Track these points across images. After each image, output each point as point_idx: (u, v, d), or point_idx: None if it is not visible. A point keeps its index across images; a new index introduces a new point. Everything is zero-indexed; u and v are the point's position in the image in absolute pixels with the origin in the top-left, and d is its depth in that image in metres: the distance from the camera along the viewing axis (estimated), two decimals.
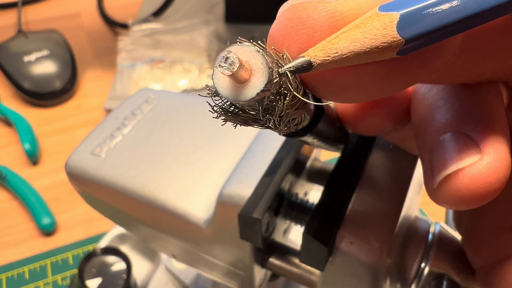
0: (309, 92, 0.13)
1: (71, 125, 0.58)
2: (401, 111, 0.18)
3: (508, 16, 0.11)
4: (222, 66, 0.11)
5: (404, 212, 0.20)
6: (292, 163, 0.22)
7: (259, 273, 0.24)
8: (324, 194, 0.20)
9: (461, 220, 0.19)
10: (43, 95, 0.60)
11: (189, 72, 0.62)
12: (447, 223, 0.31)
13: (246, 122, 0.12)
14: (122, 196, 0.24)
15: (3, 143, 0.56)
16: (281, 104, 0.11)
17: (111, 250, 0.37)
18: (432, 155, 0.14)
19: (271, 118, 0.12)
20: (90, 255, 0.37)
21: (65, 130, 0.58)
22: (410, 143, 0.21)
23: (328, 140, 0.18)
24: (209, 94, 0.12)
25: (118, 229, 0.42)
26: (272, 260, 0.23)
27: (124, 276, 0.36)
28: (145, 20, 0.71)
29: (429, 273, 0.21)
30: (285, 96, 0.11)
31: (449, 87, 0.15)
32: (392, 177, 0.21)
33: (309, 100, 0.12)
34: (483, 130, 0.13)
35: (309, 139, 0.16)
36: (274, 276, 0.30)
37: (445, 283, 0.20)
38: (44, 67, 0.61)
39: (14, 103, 0.61)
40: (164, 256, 0.40)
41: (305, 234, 0.19)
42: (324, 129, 0.16)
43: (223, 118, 0.12)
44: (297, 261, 0.23)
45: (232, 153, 0.24)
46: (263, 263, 0.23)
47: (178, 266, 0.39)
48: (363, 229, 0.19)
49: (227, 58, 0.11)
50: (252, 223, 0.20)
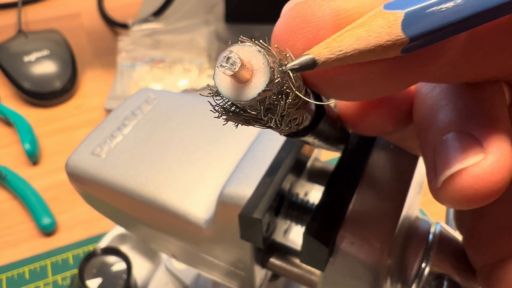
0: (311, 92, 0.13)
1: (71, 125, 0.58)
2: (402, 112, 0.17)
3: (510, 16, 0.11)
4: (224, 66, 0.11)
5: (404, 212, 0.20)
6: (292, 163, 0.22)
7: (260, 273, 0.24)
8: (325, 194, 0.20)
9: (462, 219, 0.19)
10: (43, 95, 0.60)
11: (189, 72, 0.62)
12: (447, 223, 0.31)
13: (248, 122, 0.12)
14: (123, 196, 0.24)
15: (3, 143, 0.56)
16: (283, 103, 0.11)
17: (112, 250, 0.37)
18: (435, 154, 0.14)
19: (272, 117, 0.12)
20: (91, 255, 0.37)
21: (65, 130, 0.58)
22: (411, 144, 0.20)
23: (329, 140, 0.18)
24: (210, 94, 0.12)
25: (119, 229, 0.42)
26: (273, 260, 0.23)
27: (125, 276, 0.36)
28: (145, 20, 0.71)
29: (430, 273, 0.21)
30: (287, 96, 0.11)
31: (452, 87, 0.15)
32: (393, 177, 0.21)
33: (311, 100, 0.12)
34: (486, 129, 0.13)
35: (310, 139, 0.16)
36: (275, 276, 0.30)
37: (445, 283, 0.20)
38: (44, 67, 0.61)
39: (14, 103, 0.61)
40: (164, 256, 0.40)
41: (306, 234, 0.19)
42: (325, 129, 0.16)
43: (225, 118, 0.12)
44: (297, 261, 0.23)
45: (232, 153, 0.24)
46: (264, 263, 0.23)
47: (178, 266, 0.39)
48: (363, 229, 0.19)
49: (228, 58, 0.11)
50: (252, 223, 0.20)
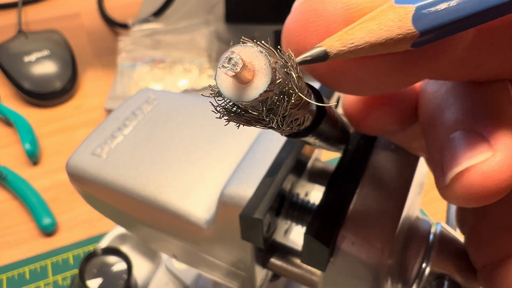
0: (312, 92, 0.13)
1: (71, 125, 0.58)
2: (406, 111, 0.18)
3: None
4: (225, 67, 0.11)
5: (405, 212, 0.20)
6: (293, 164, 0.22)
7: (260, 274, 0.24)
8: (325, 195, 0.20)
9: (464, 219, 0.19)
10: (44, 95, 0.60)
11: (189, 72, 0.62)
12: (448, 223, 0.31)
13: (249, 122, 0.12)
14: (123, 197, 0.24)
15: (4, 143, 0.56)
16: (285, 104, 0.11)
17: (112, 250, 0.37)
18: (442, 152, 0.14)
19: (274, 118, 0.12)
20: (91, 255, 0.37)
21: (65, 130, 0.58)
22: (414, 144, 0.21)
23: (330, 141, 0.18)
24: (212, 94, 0.12)
25: (119, 229, 0.42)
26: (273, 260, 0.23)
27: (125, 276, 0.36)
28: (145, 20, 0.71)
29: (430, 273, 0.21)
30: (289, 96, 0.11)
31: (458, 86, 0.15)
32: (393, 177, 0.21)
33: (312, 100, 0.12)
34: (493, 127, 0.13)
35: (311, 139, 0.16)
36: (275, 276, 0.30)
37: (446, 284, 0.20)
38: (44, 67, 0.61)
39: (15, 103, 0.61)
40: (164, 256, 0.40)
41: (307, 234, 0.19)
42: (326, 129, 0.16)
43: (226, 118, 0.12)
44: (298, 261, 0.23)
45: (233, 153, 0.24)
46: (264, 264, 0.23)
47: (179, 266, 0.39)
48: (364, 229, 0.19)
49: (230, 59, 0.11)
50: (253, 224, 0.20)
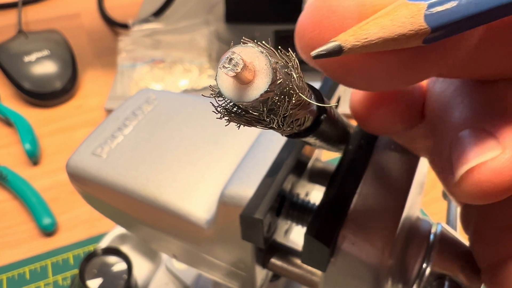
0: (312, 93, 0.13)
1: (72, 125, 0.58)
2: (412, 110, 0.18)
3: None
4: (226, 67, 0.11)
5: (406, 212, 0.20)
6: (293, 164, 0.21)
7: (261, 274, 0.24)
8: (326, 195, 0.20)
9: (469, 219, 0.19)
10: (44, 95, 0.60)
11: (190, 72, 0.62)
12: (448, 223, 0.31)
13: (250, 122, 0.12)
14: (123, 197, 0.24)
15: (4, 143, 0.56)
16: (285, 104, 0.11)
17: (112, 250, 0.37)
18: (451, 150, 0.14)
19: (274, 118, 0.12)
20: (91, 255, 0.37)
21: (65, 130, 0.58)
22: (418, 145, 0.21)
23: (330, 141, 0.18)
24: (212, 94, 0.12)
25: (119, 229, 0.42)
26: (274, 260, 0.23)
27: (125, 276, 0.36)
28: (145, 20, 0.71)
29: (431, 273, 0.21)
30: (290, 97, 0.11)
31: (466, 85, 0.15)
32: (394, 177, 0.21)
33: (313, 101, 0.12)
34: (502, 125, 0.13)
35: (311, 139, 0.16)
36: (275, 276, 0.30)
37: (446, 284, 0.20)
38: (44, 67, 0.61)
39: (15, 103, 0.61)
40: (164, 256, 0.40)
41: (307, 235, 0.19)
42: (326, 129, 0.16)
43: (227, 118, 0.12)
44: (298, 261, 0.23)
45: (233, 153, 0.24)
46: (265, 264, 0.23)
47: (179, 266, 0.39)
48: (365, 229, 0.19)
49: (231, 59, 0.11)
50: (253, 224, 0.20)
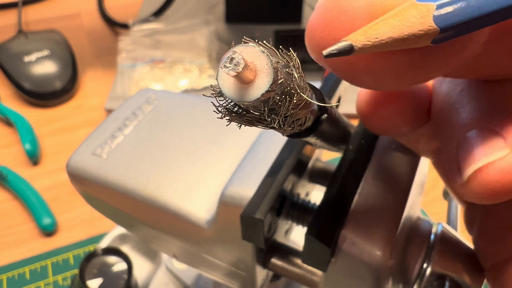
0: (313, 93, 0.13)
1: (72, 125, 0.58)
2: (418, 110, 0.18)
3: None
4: (227, 67, 0.11)
5: (406, 212, 0.20)
6: (294, 164, 0.21)
7: (261, 274, 0.24)
8: (326, 195, 0.20)
9: (473, 219, 0.19)
10: (44, 95, 0.60)
11: (190, 72, 0.62)
12: (449, 223, 0.31)
13: (251, 122, 0.12)
14: (123, 197, 0.24)
15: (4, 143, 0.56)
16: (287, 104, 0.11)
17: (112, 250, 0.37)
18: (459, 150, 0.14)
19: (276, 118, 0.12)
20: (91, 255, 0.37)
21: (65, 130, 0.58)
22: (422, 147, 0.21)
23: (331, 141, 0.18)
24: (213, 94, 0.12)
25: (119, 229, 0.42)
26: (274, 260, 0.23)
27: (125, 276, 0.36)
28: (145, 20, 0.71)
29: (431, 273, 0.21)
30: (291, 96, 0.11)
31: (473, 86, 0.15)
32: (394, 177, 0.21)
33: (314, 101, 0.12)
34: (509, 125, 0.13)
35: (312, 139, 0.16)
36: (276, 276, 0.30)
37: (447, 284, 0.20)
38: (44, 67, 0.61)
39: (15, 103, 0.61)
40: (165, 256, 0.40)
41: (308, 235, 0.19)
42: (327, 129, 0.16)
43: (228, 118, 0.12)
44: (299, 261, 0.23)
45: (233, 153, 0.24)
46: (265, 264, 0.23)
47: (179, 266, 0.39)
48: (365, 229, 0.19)
49: (232, 59, 0.11)
50: (254, 224, 0.20)
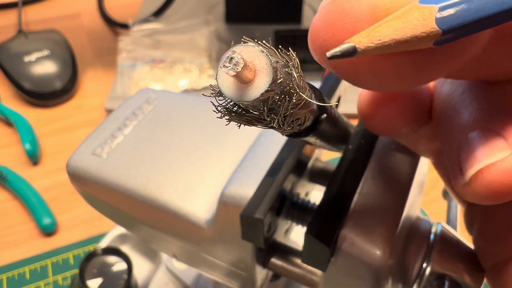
0: (313, 92, 0.13)
1: (72, 125, 0.58)
2: (419, 111, 0.18)
3: None
4: (227, 66, 0.11)
5: (406, 212, 0.20)
6: (293, 163, 0.21)
7: (261, 274, 0.24)
8: (326, 194, 0.20)
9: (473, 219, 0.19)
10: (44, 95, 0.60)
11: (190, 72, 0.62)
12: (448, 223, 0.31)
13: (250, 122, 0.12)
14: (123, 197, 0.24)
15: (4, 143, 0.56)
16: (286, 104, 0.11)
17: (112, 250, 0.37)
18: (460, 151, 0.14)
19: (275, 118, 0.12)
20: (91, 255, 0.37)
21: (65, 130, 0.58)
22: (423, 147, 0.21)
23: (331, 141, 0.18)
24: (212, 94, 0.12)
25: (119, 229, 0.42)
26: (274, 260, 0.23)
27: (125, 276, 0.36)
28: (145, 20, 0.71)
29: (431, 273, 0.21)
30: (291, 96, 0.11)
31: (475, 87, 0.15)
32: (394, 177, 0.21)
33: (313, 100, 0.12)
34: (511, 126, 0.13)
35: (311, 139, 0.16)
36: (276, 276, 0.30)
37: (447, 284, 0.20)
38: (44, 67, 0.61)
39: (15, 103, 0.61)
40: (165, 256, 0.40)
41: (307, 234, 0.19)
42: (327, 129, 0.16)
43: (227, 118, 0.12)
44: (298, 261, 0.23)
45: (233, 153, 0.24)
46: (265, 264, 0.23)
47: (179, 266, 0.39)
48: (365, 229, 0.19)
49: (231, 59, 0.11)
50: (254, 224, 0.20)
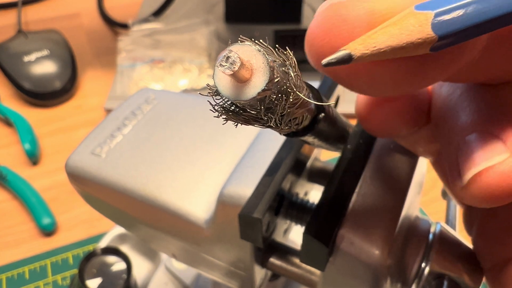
0: (310, 91, 0.13)
1: (71, 125, 0.58)
2: (417, 113, 0.18)
3: None
4: (223, 66, 0.11)
5: (404, 211, 0.20)
6: (292, 163, 0.21)
7: (260, 273, 0.24)
8: (325, 194, 0.20)
9: (472, 220, 0.19)
10: (43, 95, 0.60)
11: (189, 72, 0.62)
12: (447, 223, 0.31)
13: (247, 121, 0.12)
14: (123, 196, 0.24)
15: (3, 143, 0.56)
16: (283, 103, 0.11)
17: (111, 250, 0.37)
18: (459, 154, 0.14)
19: (272, 117, 0.12)
20: (90, 255, 0.37)
21: (65, 130, 0.58)
22: (422, 148, 0.21)
23: (329, 140, 0.18)
24: (210, 93, 0.12)
25: (118, 229, 0.42)
26: (273, 260, 0.23)
27: (124, 276, 0.36)
28: (145, 20, 0.71)
29: (430, 273, 0.21)
30: (288, 95, 0.11)
31: (473, 89, 0.15)
32: (393, 177, 0.21)
33: (311, 100, 0.12)
34: (509, 129, 0.13)
35: (309, 139, 0.16)
36: (275, 276, 0.30)
37: (445, 283, 0.20)
38: (44, 67, 0.61)
39: (14, 103, 0.61)
40: (164, 256, 0.40)
41: (306, 234, 0.19)
42: (325, 129, 0.16)
43: (224, 117, 0.12)
44: (297, 261, 0.23)
45: (232, 153, 0.24)
46: (264, 263, 0.23)
47: (178, 266, 0.39)
48: (363, 229, 0.19)
49: (228, 58, 0.11)
50: (252, 223, 0.20)
